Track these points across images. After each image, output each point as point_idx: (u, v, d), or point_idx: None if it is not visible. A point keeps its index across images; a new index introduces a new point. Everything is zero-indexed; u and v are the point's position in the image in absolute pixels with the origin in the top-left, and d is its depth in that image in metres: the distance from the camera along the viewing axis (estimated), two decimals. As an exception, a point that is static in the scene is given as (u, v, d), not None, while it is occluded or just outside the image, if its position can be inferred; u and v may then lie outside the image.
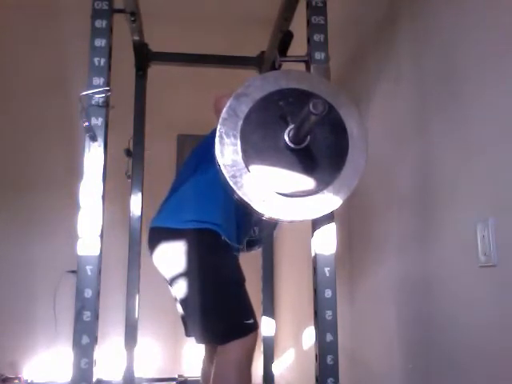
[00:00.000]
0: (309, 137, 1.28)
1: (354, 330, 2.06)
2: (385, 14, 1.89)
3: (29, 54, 3.66)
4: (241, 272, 1.70)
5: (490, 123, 1.21)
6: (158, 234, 1.71)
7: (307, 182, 1.29)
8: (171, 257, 1.66)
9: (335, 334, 1.43)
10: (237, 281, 1.64)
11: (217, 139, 1.28)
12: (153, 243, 1.71)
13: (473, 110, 1.28)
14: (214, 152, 1.30)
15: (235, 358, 1.53)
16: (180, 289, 1.64)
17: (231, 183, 1.26)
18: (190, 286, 1.61)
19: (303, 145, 1.29)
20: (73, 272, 1.46)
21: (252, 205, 1.27)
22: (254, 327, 1.57)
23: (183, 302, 1.65)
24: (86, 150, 1.42)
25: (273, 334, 2.55)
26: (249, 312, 1.59)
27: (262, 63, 2.51)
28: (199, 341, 1.68)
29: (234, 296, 1.62)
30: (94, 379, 1.33)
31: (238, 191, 1.26)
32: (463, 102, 1.33)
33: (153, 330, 3.34)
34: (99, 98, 1.41)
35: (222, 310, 1.60)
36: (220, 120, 1.29)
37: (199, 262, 1.61)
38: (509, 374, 1.11)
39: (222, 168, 1.27)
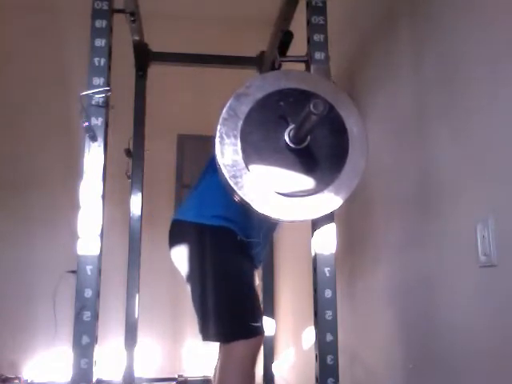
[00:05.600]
0: (309, 137, 1.28)
1: (354, 329, 2.06)
2: (385, 14, 1.89)
3: (29, 54, 3.66)
4: (253, 275, 1.71)
5: (491, 123, 1.21)
6: (177, 228, 1.72)
7: (307, 181, 1.29)
8: (187, 252, 1.66)
9: (335, 334, 1.43)
10: (249, 283, 1.64)
11: (217, 139, 1.27)
12: (172, 236, 1.72)
13: (473, 110, 1.28)
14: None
15: (239, 356, 1.53)
16: (193, 283, 1.64)
17: (231, 183, 1.26)
18: (203, 282, 1.60)
19: (303, 145, 1.29)
20: (73, 272, 1.46)
21: (252, 205, 1.26)
22: (260, 331, 1.57)
23: (194, 297, 1.64)
24: (86, 150, 1.42)
25: (273, 334, 2.55)
26: (257, 315, 1.59)
27: (262, 63, 2.51)
28: (205, 337, 1.63)
29: (246, 297, 1.61)
30: (94, 379, 1.32)
31: (238, 191, 1.26)
32: (464, 102, 1.33)
33: (153, 330, 3.34)
34: (99, 97, 1.41)
35: (231, 309, 1.59)
36: (220, 120, 1.29)
37: (214, 259, 1.60)
38: (509, 374, 1.11)
39: (222, 168, 1.27)
